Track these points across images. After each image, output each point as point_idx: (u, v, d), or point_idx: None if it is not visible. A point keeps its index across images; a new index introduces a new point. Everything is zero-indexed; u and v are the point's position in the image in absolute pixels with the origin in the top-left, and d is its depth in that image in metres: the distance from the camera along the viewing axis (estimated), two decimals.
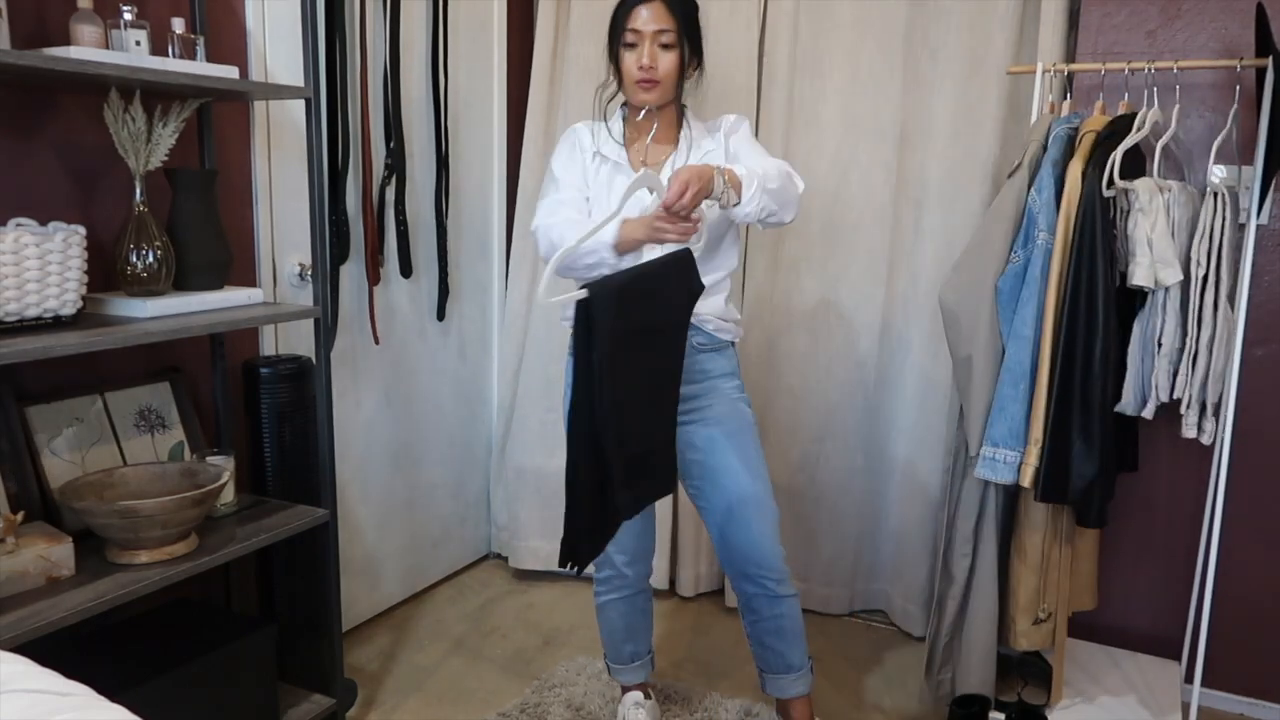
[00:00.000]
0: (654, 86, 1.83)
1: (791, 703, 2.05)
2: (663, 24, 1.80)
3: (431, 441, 2.87)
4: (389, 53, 2.48)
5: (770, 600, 1.94)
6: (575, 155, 1.94)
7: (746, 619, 2.01)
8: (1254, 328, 2.15)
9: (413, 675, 2.44)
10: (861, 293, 2.67)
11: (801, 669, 2.02)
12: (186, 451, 2.00)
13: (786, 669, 2.01)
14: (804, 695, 2.04)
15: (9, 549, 1.57)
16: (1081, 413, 1.88)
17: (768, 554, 1.91)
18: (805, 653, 2.02)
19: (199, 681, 1.81)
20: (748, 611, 2.00)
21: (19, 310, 1.55)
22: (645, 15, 1.80)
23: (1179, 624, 2.33)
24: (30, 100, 1.76)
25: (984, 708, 2.10)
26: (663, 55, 1.81)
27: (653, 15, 1.80)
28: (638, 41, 1.81)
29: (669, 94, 1.86)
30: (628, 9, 1.82)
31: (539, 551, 2.99)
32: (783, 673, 2.02)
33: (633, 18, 1.81)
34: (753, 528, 1.90)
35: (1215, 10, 2.16)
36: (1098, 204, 1.85)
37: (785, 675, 2.02)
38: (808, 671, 2.03)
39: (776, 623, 1.97)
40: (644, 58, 1.80)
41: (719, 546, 1.96)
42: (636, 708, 2.17)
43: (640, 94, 1.84)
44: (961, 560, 2.09)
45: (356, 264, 2.49)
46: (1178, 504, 2.34)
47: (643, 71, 1.81)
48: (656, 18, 1.80)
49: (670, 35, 1.81)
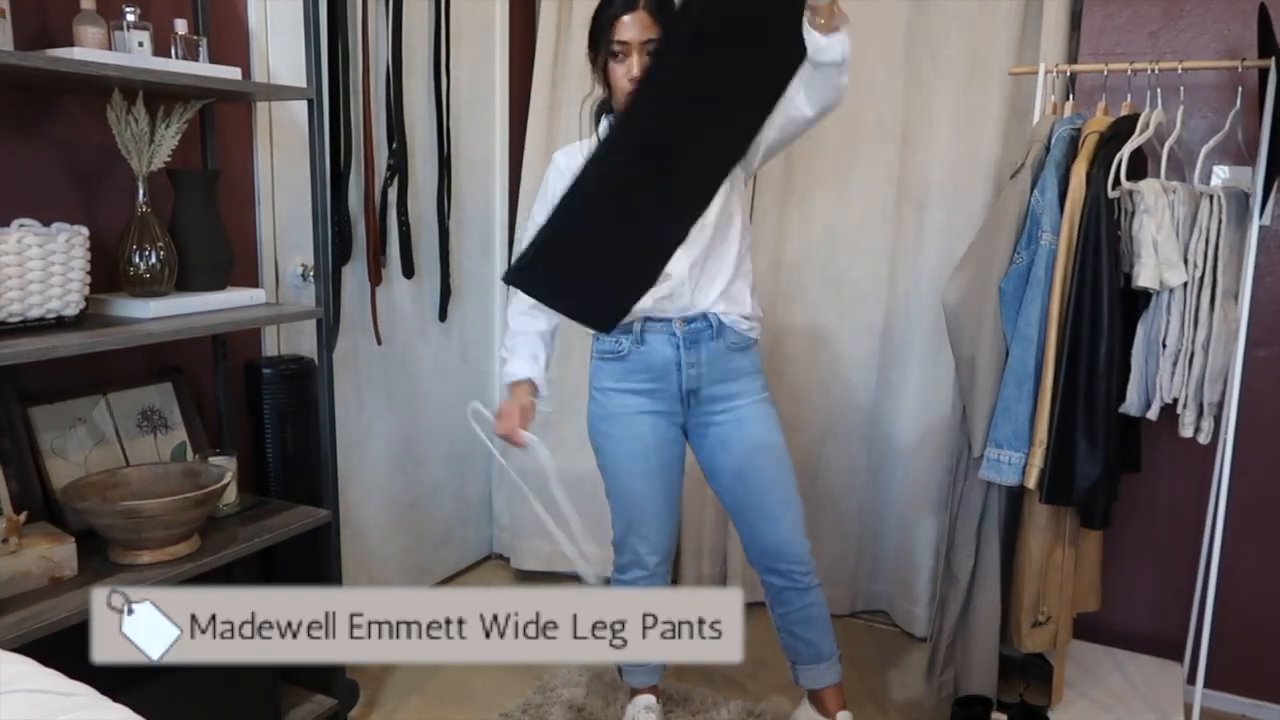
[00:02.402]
0: None
1: (825, 692, 2.09)
2: (649, 33, 1.74)
3: (433, 442, 2.87)
4: (391, 53, 2.48)
5: (799, 592, 2.00)
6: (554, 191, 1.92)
7: (776, 611, 2.06)
8: (1256, 328, 2.14)
9: (414, 676, 2.44)
10: (863, 293, 2.66)
11: (832, 657, 2.07)
12: (189, 452, 2.00)
13: (818, 658, 2.06)
14: (836, 684, 2.09)
15: (12, 549, 1.57)
16: (1086, 414, 1.87)
17: (797, 548, 1.97)
18: (834, 641, 2.07)
19: (201, 682, 1.81)
20: (777, 604, 2.04)
21: (22, 311, 1.55)
22: (630, 25, 1.75)
23: (1181, 625, 2.33)
24: (33, 101, 1.77)
25: (986, 709, 2.09)
26: None
27: (638, 25, 1.75)
28: (625, 52, 1.76)
29: None
30: (610, 20, 1.77)
31: (541, 552, 2.98)
32: (814, 662, 2.07)
33: (618, 29, 1.76)
34: (784, 524, 1.96)
35: (1218, 11, 2.16)
36: (1103, 205, 1.85)
37: (817, 665, 2.07)
38: (837, 660, 2.08)
39: (806, 612, 2.02)
40: (634, 69, 1.76)
41: (749, 543, 2.01)
42: (647, 711, 2.15)
43: None
44: (964, 561, 2.09)
45: (359, 264, 2.49)
46: (1180, 505, 2.33)
47: (633, 83, 1.75)
48: (642, 27, 1.75)
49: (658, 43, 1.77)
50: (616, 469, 1.99)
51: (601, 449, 2.01)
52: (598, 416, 2.00)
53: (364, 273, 2.50)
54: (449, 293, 2.78)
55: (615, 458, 1.99)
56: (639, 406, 1.95)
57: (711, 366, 1.92)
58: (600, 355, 1.98)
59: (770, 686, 2.38)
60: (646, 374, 1.93)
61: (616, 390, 1.96)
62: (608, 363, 1.97)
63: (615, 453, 1.99)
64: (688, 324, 1.89)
